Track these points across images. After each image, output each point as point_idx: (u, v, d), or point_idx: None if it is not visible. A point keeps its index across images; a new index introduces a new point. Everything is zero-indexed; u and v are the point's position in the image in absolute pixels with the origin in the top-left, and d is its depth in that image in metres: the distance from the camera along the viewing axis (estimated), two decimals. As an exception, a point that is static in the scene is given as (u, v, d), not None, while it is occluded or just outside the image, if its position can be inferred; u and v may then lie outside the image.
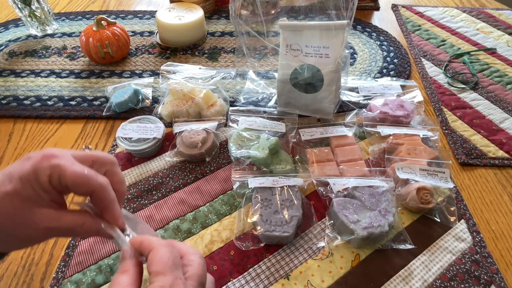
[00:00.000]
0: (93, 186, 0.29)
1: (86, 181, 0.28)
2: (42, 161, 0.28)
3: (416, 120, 0.63)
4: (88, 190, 0.29)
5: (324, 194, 0.52)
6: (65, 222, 0.29)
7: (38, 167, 0.27)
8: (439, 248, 0.47)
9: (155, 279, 0.25)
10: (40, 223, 0.28)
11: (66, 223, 0.29)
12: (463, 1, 1.06)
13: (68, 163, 0.28)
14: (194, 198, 0.54)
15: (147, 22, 0.97)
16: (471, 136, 0.63)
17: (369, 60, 0.82)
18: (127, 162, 0.59)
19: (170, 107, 0.65)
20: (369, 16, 0.99)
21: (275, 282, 0.44)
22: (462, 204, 0.53)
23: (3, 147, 0.63)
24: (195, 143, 0.57)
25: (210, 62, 0.82)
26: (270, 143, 0.55)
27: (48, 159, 0.28)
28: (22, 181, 0.27)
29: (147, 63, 0.82)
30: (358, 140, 0.62)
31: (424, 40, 0.88)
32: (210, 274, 0.30)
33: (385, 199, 0.49)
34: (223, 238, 0.49)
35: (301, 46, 0.59)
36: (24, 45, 0.89)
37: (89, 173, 0.29)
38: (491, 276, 0.45)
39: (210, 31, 0.92)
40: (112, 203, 0.30)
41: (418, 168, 0.53)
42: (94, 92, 0.74)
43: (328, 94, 0.61)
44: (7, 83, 0.77)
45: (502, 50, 0.83)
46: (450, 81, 0.75)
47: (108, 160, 0.32)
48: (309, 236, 0.49)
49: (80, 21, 0.99)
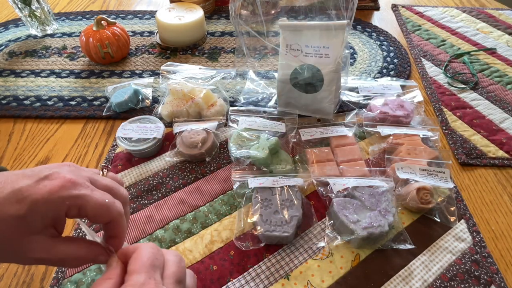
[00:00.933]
0: (113, 215, 0.27)
1: (107, 211, 0.27)
2: (61, 190, 0.25)
3: (416, 120, 0.63)
4: (107, 219, 0.27)
5: (324, 194, 0.52)
6: (58, 253, 0.26)
7: (56, 197, 0.25)
8: (439, 248, 0.47)
9: (128, 278, 0.24)
10: (30, 253, 0.25)
11: (58, 254, 0.26)
12: (463, 1, 1.06)
13: (89, 193, 0.26)
14: (194, 198, 0.54)
15: (147, 22, 0.97)
16: (471, 136, 0.63)
17: (369, 60, 0.82)
18: (127, 162, 0.59)
19: (170, 107, 0.65)
20: (369, 16, 0.99)
21: (275, 282, 0.44)
22: (462, 204, 0.53)
23: (3, 147, 0.63)
24: (195, 143, 0.57)
25: (210, 62, 0.82)
26: (270, 143, 0.55)
27: (68, 189, 0.25)
28: (33, 208, 0.24)
29: (147, 63, 0.82)
30: (358, 140, 0.62)
31: (424, 40, 0.88)
32: (189, 270, 0.30)
33: (385, 199, 0.49)
34: (223, 238, 0.49)
35: (301, 46, 0.59)
36: (24, 45, 0.89)
37: (110, 202, 0.27)
38: (491, 276, 0.45)
39: (210, 31, 0.92)
40: (123, 232, 0.29)
41: (418, 168, 0.53)
42: (94, 92, 0.74)
43: (328, 94, 0.61)
44: (7, 83, 0.77)
45: (502, 50, 0.83)
46: (450, 81, 0.75)
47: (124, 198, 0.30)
48: (309, 236, 0.49)
49: (80, 21, 0.99)
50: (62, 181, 0.26)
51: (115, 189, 0.30)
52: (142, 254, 0.26)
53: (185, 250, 0.48)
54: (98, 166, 0.59)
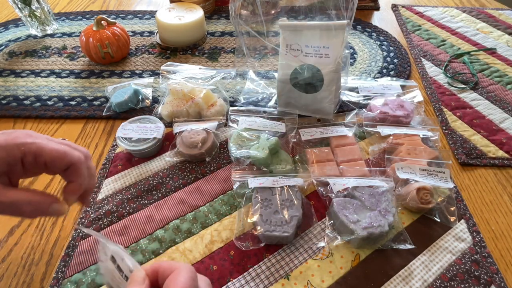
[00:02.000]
0: (71, 160, 0.29)
1: (64, 156, 0.29)
2: (16, 139, 0.28)
3: (416, 120, 0.63)
4: (65, 164, 0.29)
5: (324, 194, 0.52)
6: (9, 196, 0.28)
7: (11, 144, 0.27)
8: (439, 248, 0.47)
9: None
10: None
11: (10, 197, 0.28)
12: (463, 1, 1.06)
13: (45, 141, 0.29)
14: (194, 198, 0.54)
15: (147, 22, 0.97)
16: (471, 136, 0.63)
17: (369, 60, 0.82)
18: (127, 162, 0.59)
19: (170, 107, 0.65)
20: (369, 16, 0.99)
21: (275, 282, 0.44)
22: (462, 204, 0.53)
23: (3, 147, 0.63)
24: (195, 143, 0.57)
25: (210, 62, 0.82)
26: (270, 143, 0.55)
27: (23, 138, 0.28)
28: None
29: (147, 63, 0.82)
30: (358, 140, 0.62)
31: (424, 40, 0.88)
32: (203, 276, 0.29)
33: (385, 199, 0.49)
34: (223, 238, 0.49)
35: (301, 46, 0.59)
36: (24, 45, 0.89)
37: (67, 149, 0.29)
38: (491, 276, 0.45)
39: (210, 31, 0.92)
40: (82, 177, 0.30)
41: (418, 168, 0.53)
42: (94, 92, 0.74)
43: (328, 94, 0.61)
44: (7, 83, 0.77)
45: (502, 50, 0.83)
46: (450, 81, 0.75)
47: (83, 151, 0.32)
48: (309, 236, 0.49)
49: (80, 21, 0.99)
50: (18, 133, 0.29)
51: (73, 145, 0.32)
52: (181, 280, 0.24)
53: (185, 250, 0.48)
54: (98, 166, 0.60)
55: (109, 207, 0.53)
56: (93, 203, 0.54)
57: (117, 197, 0.54)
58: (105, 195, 0.55)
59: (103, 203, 0.54)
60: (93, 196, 0.55)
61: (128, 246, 0.48)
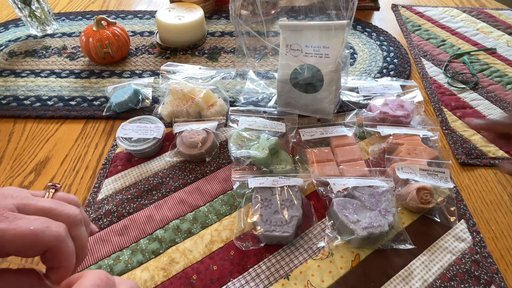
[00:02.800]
0: (46, 242, 0.22)
1: (34, 240, 0.22)
2: None
3: (416, 120, 0.63)
4: (39, 250, 0.22)
5: (324, 194, 0.52)
6: None
7: None
8: (439, 248, 0.47)
9: None
10: None
11: None
12: (463, 1, 1.06)
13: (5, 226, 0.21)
14: (194, 198, 0.54)
15: (147, 22, 0.97)
16: (471, 136, 0.63)
17: (369, 60, 0.82)
18: (127, 162, 0.59)
19: (170, 107, 0.65)
20: (369, 16, 0.99)
21: (275, 282, 0.44)
22: (462, 204, 0.53)
23: (3, 147, 0.63)
24: (195, 143, 0.57)
25: (210, 62, 0.82)
26: (270, 143, 0.55)
27: None
28: None
29: (147, 63, 0.82)
30: (358, 140, 0.62)
31: (424, 40, 0.88)
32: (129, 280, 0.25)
33: (385, 199, 0.49)
34: (223, 238, 0.49)
35: (301, 46, 0.59)
36: (24, 45, 0.89)
37: (38, 229, 0.22)
38: (491, 276, 0.45)
39: (210, 31, 0.92)
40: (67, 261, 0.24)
41: (418, 168, 0.53)
42: (94, 92, 0.74)
43: (328, 94, 0.61)
44: (7, 83, 0.77)
45: (502, 50, 0.83)
46: (450, 81, 0.75)
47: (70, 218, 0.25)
48: (309, 236, 0.49)
49: (80, 21, 0.99)
50: None
51: (56, 210, 0.25)
52: (83, 285, 0.22)
53: (185, 250, 0.48)
54: (98, 166, 0.60)
55: (109, 207, 0.53)
56: (93, 203, 0.54)
57: (117, 197, 0.54)
58: (105, 195, 0.55)
59: (103, 203, 0.54)
60: (93, 196, 0.55)
61: (128, 246, 0.48)
